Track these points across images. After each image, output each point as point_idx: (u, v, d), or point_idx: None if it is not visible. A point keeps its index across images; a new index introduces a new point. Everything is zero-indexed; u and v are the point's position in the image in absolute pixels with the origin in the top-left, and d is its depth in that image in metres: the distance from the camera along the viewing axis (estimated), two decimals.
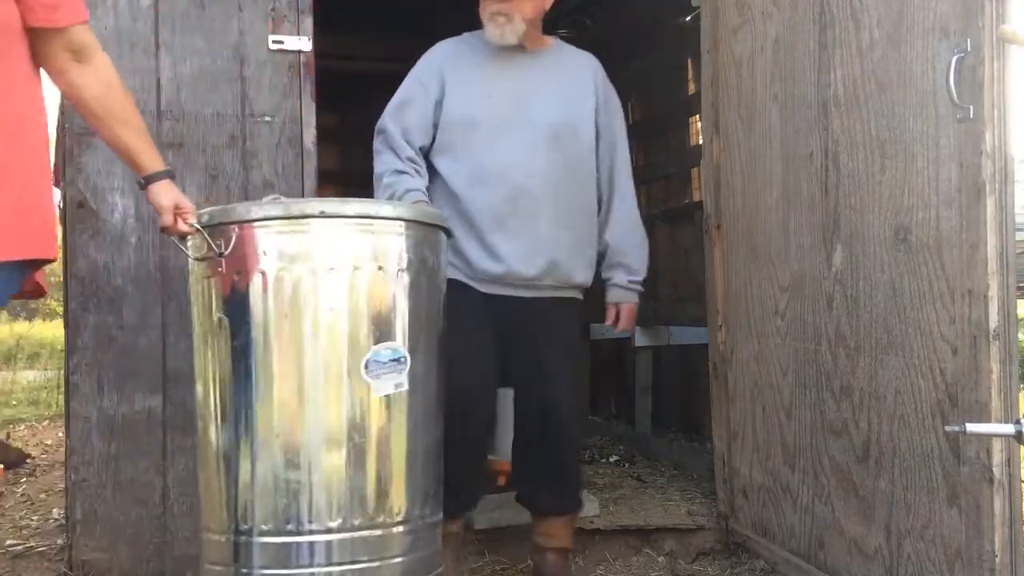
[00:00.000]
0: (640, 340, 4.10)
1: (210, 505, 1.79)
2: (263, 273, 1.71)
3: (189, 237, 1.82)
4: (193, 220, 1.78)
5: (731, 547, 2.77)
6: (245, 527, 1.71)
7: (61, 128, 2.47)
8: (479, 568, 2.66)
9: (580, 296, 2.47)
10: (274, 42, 2.51)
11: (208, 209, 1.84)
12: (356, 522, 1.71)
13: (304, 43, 2.53)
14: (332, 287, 1.71)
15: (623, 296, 2.50)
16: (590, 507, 2.84)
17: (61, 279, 2.53)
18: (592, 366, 5.01)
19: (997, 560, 1.76)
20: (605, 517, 2.83)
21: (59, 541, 2.67)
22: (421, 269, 1.82)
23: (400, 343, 1.76)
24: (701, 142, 3.04)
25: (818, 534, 2.35)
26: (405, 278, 1.78)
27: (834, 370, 2.25)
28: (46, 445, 4.67)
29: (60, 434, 4.34)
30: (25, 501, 3.36)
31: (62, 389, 3.27)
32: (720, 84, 2.81)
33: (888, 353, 2.04)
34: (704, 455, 3.44)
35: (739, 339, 2.73)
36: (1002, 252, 1.75)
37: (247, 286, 1.72)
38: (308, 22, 2.54)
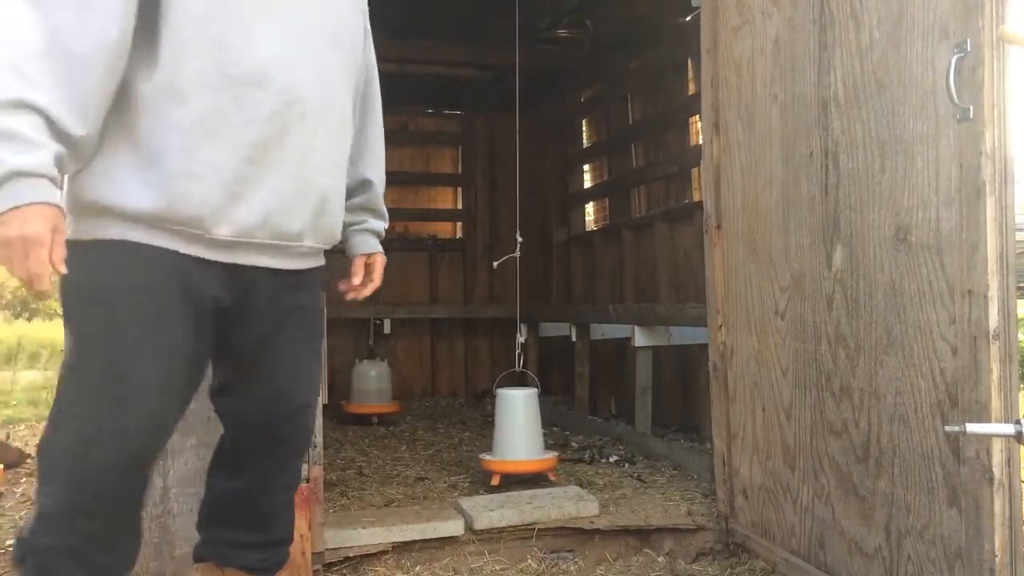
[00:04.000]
0: (640, 340, 4.11)
1: None
2: None
3: None
4: None
5: (731, 547, 2.78)
6: None
7: None
8: (479, 568, 2.65)
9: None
10: None
11: None
12: None
13: None
14: None
15: (377, 246, 1.98)
16: (590, 507, 2.84)
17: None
18: (592, 366, 5.03)
19: (997, 560, 1.76)
20: (605, 517, 2.83)
21: None
22: None
23: None
24: (701, 142, 3.04)
25: (818, 534, 2.35)
26: None
27: (834, 370, 2.25)
28: None
29: None
30: (25, 501, 3.36)
31: None
32: (720, 84, 2.81)
33: (888, 353, 2.04)
34: (704, 455, 3.44)
35: (739, 339, 2.73)
36: (1002, 252, 1.75)
37: None
38: None
